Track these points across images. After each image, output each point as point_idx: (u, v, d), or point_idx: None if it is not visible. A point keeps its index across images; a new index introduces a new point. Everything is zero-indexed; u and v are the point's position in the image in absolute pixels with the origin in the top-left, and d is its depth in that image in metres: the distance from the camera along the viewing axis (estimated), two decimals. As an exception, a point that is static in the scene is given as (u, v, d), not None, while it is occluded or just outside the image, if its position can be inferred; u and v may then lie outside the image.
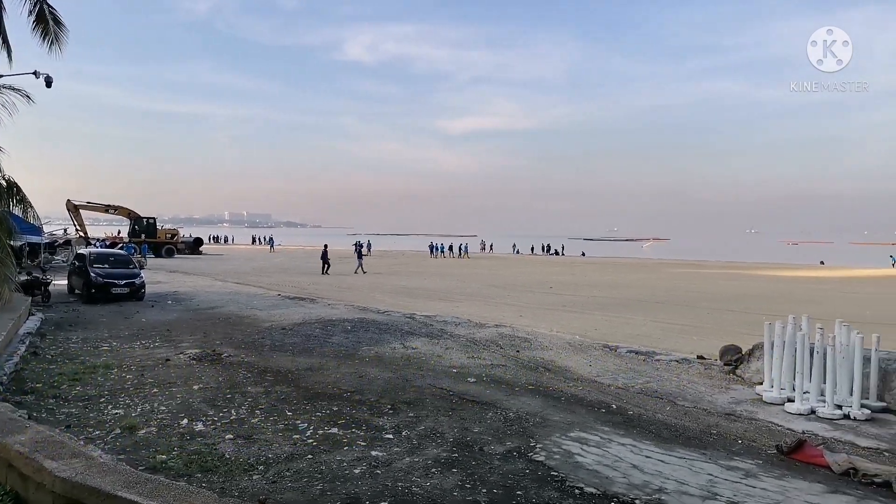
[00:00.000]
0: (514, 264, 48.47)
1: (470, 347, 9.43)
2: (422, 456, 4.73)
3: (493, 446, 4.98)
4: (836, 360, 6.36)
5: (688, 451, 5.00)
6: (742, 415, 6.26)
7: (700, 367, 8.42)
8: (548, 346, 9.66)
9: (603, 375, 7.86)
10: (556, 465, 4.57)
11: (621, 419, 5.91)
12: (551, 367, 8.23)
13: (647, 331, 14.31)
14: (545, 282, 30.02)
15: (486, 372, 7.83)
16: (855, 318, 14.49)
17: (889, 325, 15.31)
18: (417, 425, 5.52)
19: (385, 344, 9.61)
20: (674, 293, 25.43)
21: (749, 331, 11.00)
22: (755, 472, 4.51)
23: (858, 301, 23.34)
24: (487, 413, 5.96)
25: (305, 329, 10.89)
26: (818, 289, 29.09)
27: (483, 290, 25.23)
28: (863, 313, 18.41)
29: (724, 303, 21.67)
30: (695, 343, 11.70)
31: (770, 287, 29.70)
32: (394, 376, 7.46)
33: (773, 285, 30.90)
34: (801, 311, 7.49)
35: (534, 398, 6.60)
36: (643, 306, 20.19)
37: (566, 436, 5.27)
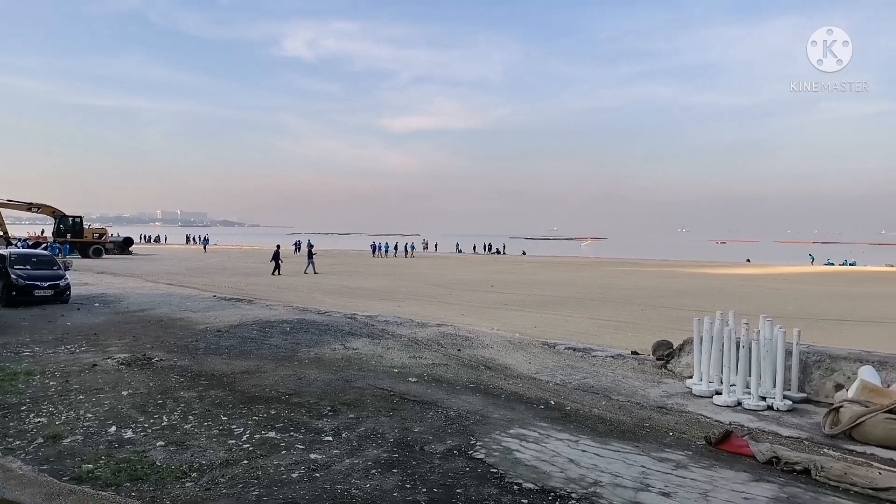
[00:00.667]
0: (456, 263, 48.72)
1: (411, 347, 9.42)
2: (362, 457, 4.70)
3: (434, 445, 4.99)
4: (761, 353, 6.67)
5: (622, 444, 5.15)
6: (673, 408, 6.48)
7: (634, 363, 8.67)
8: (489, 344, 9.75)
9: (542, 372, 7.99)
10: (496, 462, 4.61)
11: (559, 415, 6.03)
12: (492, 365, 8.31)
13: (584, 327, 14.65)
14: (487, 280, 30.30)
15: (427, 371, 7.84)
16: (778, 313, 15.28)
17: (809, 320, 16.19)
18: (357, 427, 5.47)
19: (325, 345, 9.48)
20: (610, 290, 26.13)
21: (680, 326, 11.41)
22: (685, 464, 4.68)
23: (781, 297, 24.59)
24: (428, 412, 5.96)
25: (242, 331, 10.62)
26: (745, 285, 30.48)
27: (425, 289, 25.24)
28: (785, 308, 19.41)
29: (657, 299, 22.43)
30: (629, 339, 12.05)
31: (700, 284, 30.91)
32: (334, 378, 7.37)
33: (703, 282, 32.18)
34: (728, 307, 7.81)
35: (474, 396, 6.65)
36: (581, 303, 20.66)
37: (506, 433, 5.34)
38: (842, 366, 6.85)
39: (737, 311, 7.40)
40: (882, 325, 16.95)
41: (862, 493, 4.16)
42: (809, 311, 19.41)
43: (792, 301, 22.69)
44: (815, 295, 25.83)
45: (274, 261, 31.01)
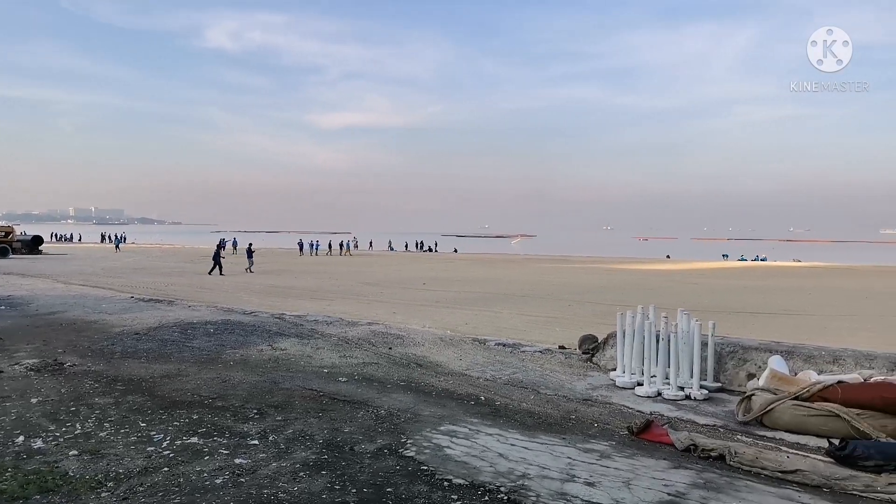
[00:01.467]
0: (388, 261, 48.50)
1: (342, 346, 9.30)
2: (290, 460, 4.59)
3: (364, 445, 4.94)
4: (679, 346, 6.97)
5: (550, 436, 5.26)
6: (598, 400, 6.68)
7: (561, 357, 8.88)
8: (420, 342, 9.75)
9: (472, 368, 8.06)
10: (426, 459, 4.62)
11: (489, 410, 6.10)
12: (423, 363, 8.32)
13: (514, 323, 14.90)
14: (419, 278, 30.32)
15: (357, 370, 7.76)
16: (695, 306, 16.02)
17: (723, 313, 17.06)
18: (285, 429, 5.35)
19: (251, 346, 9.23)
20: (539, 287, 26.68)
21: (605, 321, 11.79)
22: (609, 453, 4.83)
23: (698, 291, 25.81)
24: (359, 412, 5.90)
25: (162, 333, 10.19)
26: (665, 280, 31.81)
27: (356, 287, 25.01)
28: (702, 302, 20.39)
29: (583, 295, 23.08)
30: (557, 334, 12.34)
31: (624, 279, 32.03)
32: (260, 379, 7.18)
33: (627, 278, 33.36)
34: (649, 302, 8.11)
35: (405, 394, 6.63)
36: (511, 300, 21.01)
37: (436, 430, 5.35)
38: (753, 356, 7.24)
39: (657, 306, 7.69)
40: (789, 316, 18.07)
41: (772, 477, 4.41)
42: (724, 304, 20.46)
43: (708, 295, 23.86)
44: (730, 289, 27.25)
45: (214, 260, 30.41)
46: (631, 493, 4.01)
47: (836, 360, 6.81)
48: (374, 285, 25.98)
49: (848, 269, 43.25)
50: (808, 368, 6.69)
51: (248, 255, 34.17)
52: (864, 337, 13.26)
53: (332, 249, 60.38)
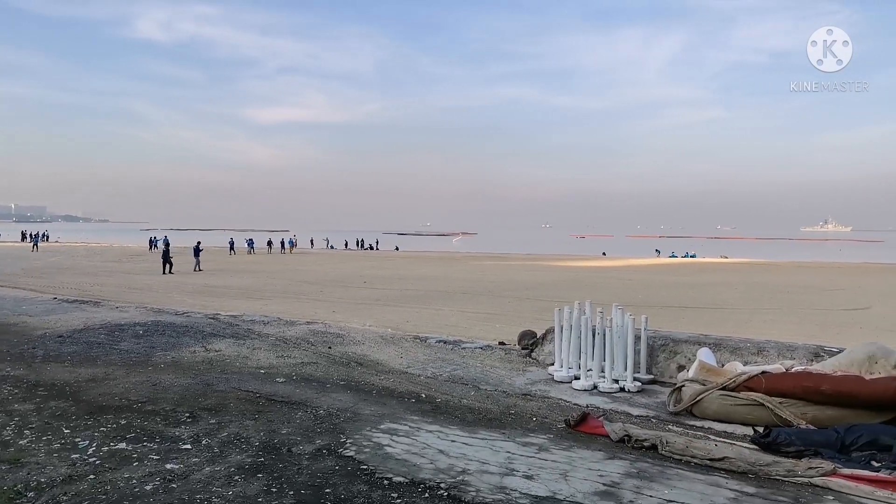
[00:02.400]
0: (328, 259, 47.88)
1: (279, 346, 9.11)
2: (224, 464, 4.46)
3: (303, 446, 4.86)
4: (614, 340, 7.16)
5: (489, 431, 5.30)
6: (537, 394, 6.78)
7: (501, 353, 8.98)
8: (361, 340, 9.66)
9: (413, 366, 8.04)
10: (366, 458, 4.57)
11: (430, 407, 6.10)
12: (364, 362, 8.24)
13: (455, 321, 14.97)
14: (359, 276, 30.07)
15: (296, 371, 7.62)
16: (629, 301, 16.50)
17: (656, 307, 17.65)
18: (219, 432, 5.20)
19: (183, 348, 8.92)
20: (480, 284, 26.90)
21: (543, 316, 11.98)
22: (547, 447, 4.91)
23: (632, 286, 26.61)
24: (297, 413, 5.79)
25: (88, 335, 9.73)
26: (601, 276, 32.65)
27: (295, 286, 24.59)
28: (636, 297, 21.03)
29: (523, 291, 23.42)
30: (498, 330, 12.47)
31: (562, 276, 32.69)
32: (193, 382, 6.95)
33: (565, 274, 34.06)
34: (586, 297, 8.29)
35: (345, 394, 6.55)
36: (452, 297, 21.10)
37: (376, 428, 5.31)
38: (683, 348, 7.52)
39: (593, 301, 7.88)
40: (717, 310, 18.86)
41: (701, 464, 4.58)
42: (656, 299, 21.18)
43: (642, 290, 24.63)
44: (662, 284, 28.21)
45: (164, 259, 30.04)
46: (568, 485, 4.09)
47: (760, 351, 7.16)
48: (314, 284, 25.59)
49: (771, 265, 45.54)
50: (734, 360, 6.99)
51: (196, 254, 33.81)
52: (786, 329, 13.98)
53: (270, 247, 59.08)
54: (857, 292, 25.16)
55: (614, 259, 54.47)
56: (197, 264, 32.67)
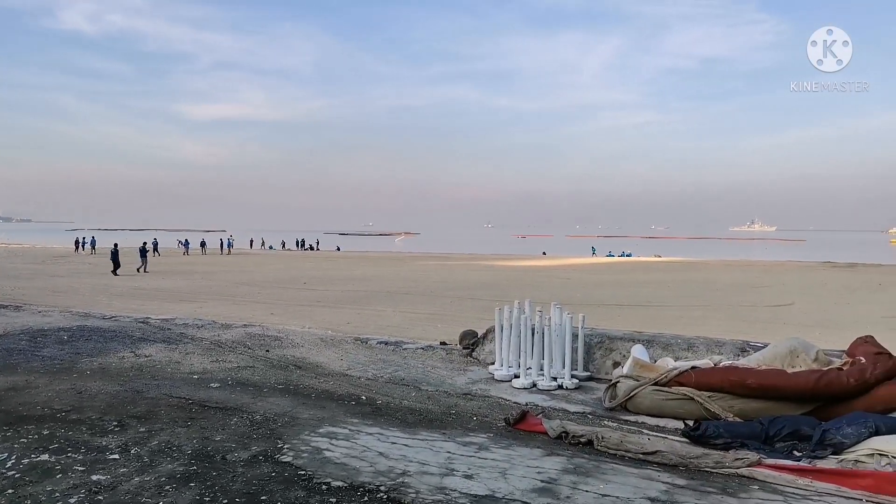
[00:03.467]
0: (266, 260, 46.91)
1: (214, 350, 8.84)
2: (154, 474, 4.29)
3: (238, 453, 4.72)
4: (552, 338, 7.28)
5: (430, 432, 5.30)
6: (477, 393, 6.83)
7: (442, 353, 8.99)
8: (299, 343, 9.49)
9: (354, 368, 7.96)
10: (304, 463, 4.49)
11: (370, 409, 6.04)
12: (302, 365, 8.09)
13: (397, 321, 14.92)
14: (299, 277, 29.57)
15: (231, 375, 7.41)
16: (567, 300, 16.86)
17: (593, 305, 18.09)
18: (149, 441, 4.99)
19: (111, 353, 8.54)
20: (422, 284, 26.91)
21: (485, 316, 12.08)
22: (487, 445, 4.94)
23: (571, 285, 27.18)
24: (232, 419, 5.63)
25: (7, 342, 9.18)
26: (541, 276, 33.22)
27: (231, 288, 23.97)
28: (574, 295, 21.49)
29: (465, 291, 23.57)
30: (439, 330, 12.50)
31: (503, 275, 33.08)
32: (122, 389, 6.66)
33: (506, 274, 34.49)
34: (526, 296, 8.40)
35: (283, 398, 6.42)
36: (394, 298, 21.02)
37: (315, 432, 5.22)
38: (618, 345, 7.72)
39: (533, 300, 7.99)
40: (650, 307, 19.49)
41: (635, 458, 4.71)
42: (594, 297, 21.71)
43: (580, 289, 25.19)
44: (599, 283, 28.94)
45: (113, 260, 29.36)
46: (507, 483, 4.13)
47: (691, 347, 7.43)
48: (251, 285, 25.01)
49: (701, 264, 47.38)
50: (666, 356, 7.23)
51: (142, 255, 33.23)
52: (714, 325, 14.58)
53: (204, 248, 57.39)
54: (781, 289, 26.49)
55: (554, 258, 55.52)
56: (143, 265, 32.02)
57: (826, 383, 5.54)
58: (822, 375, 5.60)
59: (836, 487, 4.14)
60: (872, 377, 5.51)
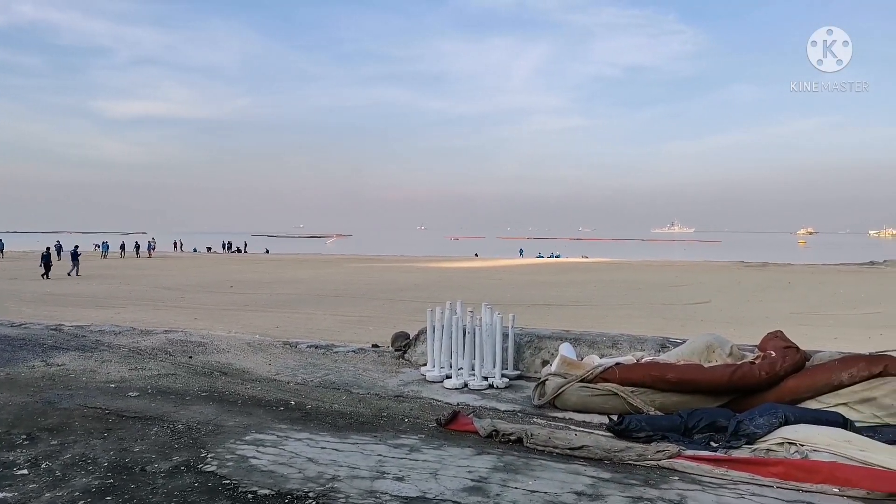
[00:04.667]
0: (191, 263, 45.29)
1: (133, 358, 8.44)
2: (67, 489, 4.05)
3: (158, 464, 4.52)
4: (483, 338, 7.36)
5: (361, 435, 5.24)
6: (409, 395, 6.81)
7: (374, 355, 8.93)
8: (225, 348, 9.19)
9: (283, 373, 7.78)
10: (229, 472, 4.35)
11: (299, 415, 5.92)
12: (228, 371, 7.85)
13: (328, 324, 14.72)
14: (225, 281, 28.71)
15: (151, 383, 7.09)
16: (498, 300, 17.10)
17: (523, 305, 18.42)
18: (62, 454, 4.72)
19: (20, 363, 8.02)
20: (354, 286, 26.65)
21: (417, 317, 12.07)
22: (418, 447, 4.94)
23: (502, 286, 27.58)
24: (152, 428, 5.39)
25: None
26: (473, 277, 33.54)
27: (152, 292, 23.02)
28: (505, 296, 21.81)
29: (397, 293, 23.51)
30: (371, 333, 12.42)
31: (436, 277, 33.20)
32: (31, 400, 6.26)
33: (439, 275, 34.63)
34: (458, 297, 8.46)
35: (207, 405, 6.20)
36: (325, 300, 20.72)
37: (241, 440, 5.07)
38: (547, 344, 7.89)
39: (465, 301, 8.05)
40: (578, 307, 20.02)
41: (562, 454, 4.81)
42: (524, 297, 22.11)
43: (510, 290, 25.60)
44: (529, 283, 29.50)
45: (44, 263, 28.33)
46: (438, 483, 4.14)
47: (615, 344, 7.67)
48: (174, 290, 24.07)
49: (625, 264, 49.08)
50: (592, 353, 7.44)
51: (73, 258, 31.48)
52: (637, 323, 15.13)
53: (124, 251, 54.79)
54: (699, 288, 27.78)
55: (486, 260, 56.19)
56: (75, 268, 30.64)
57: (740, 376, 5.85)
58: (736, 369, 5.91)
59: (750, 475, 4.35)
60: (782, 370, 5.86)
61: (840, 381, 5.70)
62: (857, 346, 8.65)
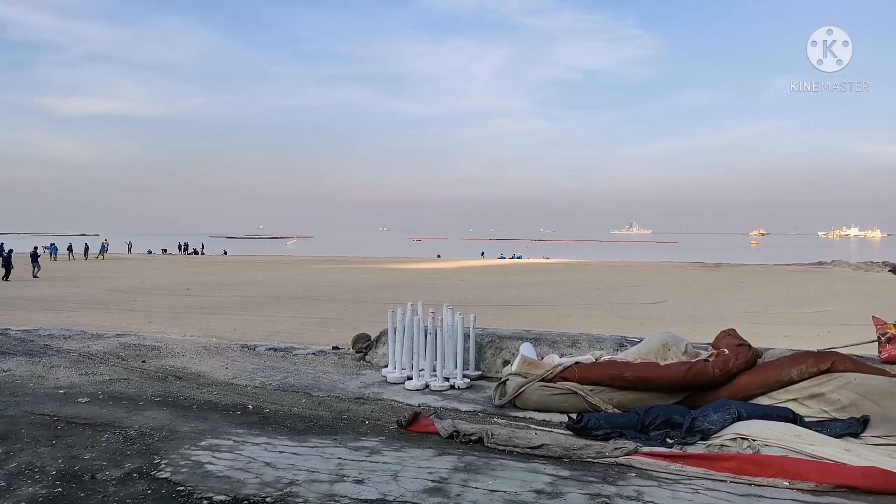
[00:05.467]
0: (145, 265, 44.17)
1: (83, 363, 8.17)
2: (12, 499, 3.89)
3: (110, 471, 4.38)
4: (444, 339, 7.35)
5: (321, 439, 5.18)
6: (370, 397, 6.76)
7: (335, 357, 8.83)
8: (180, 352, 8.97)
9: (240, 377, 7.64)
10: (184, 478, 4.24)
11: (257, 419, 5.82)
12: (183, 375, 7.66)
13: (287, 327, 14.51)
14: (181, 283, 28.07)
15: (103, 389, 6.88)
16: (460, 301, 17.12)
17: (485, 306, 18.49)
18: (7, 463, 4.54)
19: (-38, 369, 7.67)
20: (315, 288, 26.37)
21: (379, 319, 11.99)
22: (379, 449, 4.90)
23: (463, 287, 27.65)
24: (103, 435, 5.23)
25: None
26: (435, 278, 33.55)
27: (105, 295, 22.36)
28: (467, 297, 21.86)
29: (359, 294, 23.34)
30: (332, 335, 12.29)
31: (398, 278, 33.09)
32: (-26, 408, 6.00)
33: (401, 276, 34.52)
34: (420, 298, 8.44)
35: (161, 410, 6.04)
36: (285, 302, 20.44)
37: (196, 445, 4.95)
38: (508, 344, 7.93)
39: (427, 302, 8.04)
40: (538, 307, 20.20)
41: (522, 453, 4.84)
42: (485, 298, 22.20)
43: (472, 290, 25.68)
44: (490, 284, 29.64)
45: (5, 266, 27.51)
46: (398, 485, 4.11)
47: (574, 343, 7.77)
48: (128, 293, 23.43)
49: (585, 265, 49.79)
50: (552, 352, 7.52)
51: (33, 260, 30.38)
52: (596, 322, 15.34)
53: (71, 253, 53.01)
54: (656, 288, 28.35)
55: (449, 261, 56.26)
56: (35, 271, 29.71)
57: (694, 374, 5.98)
58: (691, 367, 6.04)
59: (704, 471, 4.46)
60: (735, 367, 6.02)
61: (790, 377, 5.88)
62: (807, 344, 8.96)
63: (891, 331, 6.36)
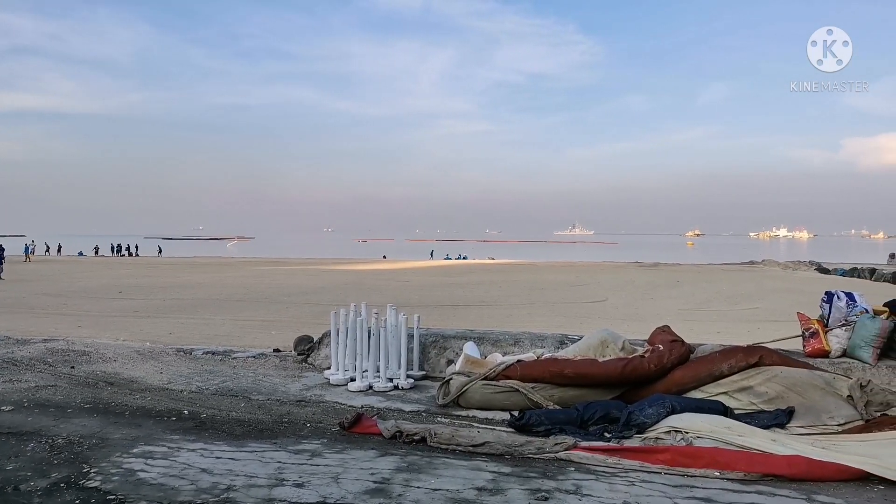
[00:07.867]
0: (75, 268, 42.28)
1: (6, 369, 7.74)
2: (-78, 517, 3.65)
3: (35, 482, 4.17)
4: (388, 339, 7.31)
5: (260, 443, 5.07)
6: (312, 399, 6.66)
7: (276, 360, 8.66)
8: (112, 357, 8.61)
9: (175, 381, 7.39)
10: (114, 487, 4.08)
11: (193, 424, 5.64)
12: (115, 381, 7.35)
13: (226, 330, 14.16)
14: (114, 286, 27.02)
15: (28, 396, 6.53)
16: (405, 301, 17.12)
17: (430, 307, 18.53)
18: (-82, 478, 4.25)
19: None
20: (256, 290, 25.82)
21: (322, 320, 11.85)
22: (320, 452, 4.84)
23: (409, 287, 27.63)
24: (28, 444, 4.97)
25: None
26: (381, 279, 33.37)
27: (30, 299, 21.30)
28: (412, 297, 21.85)
29: (302, 296, 22.99)
30: (273, 337, 12.06)
31: (343, 279, 32.76)
32: None
33: (346, 278, 34.20)
34: (365, 300, 8.36)
35: (91, 418, 5.78)
36: (225, 305, 19.94)
37: (128, 453, 4.76)
38: (452, 343, 7.96)
39: (372, 303, 7.98)
40: (483, 307, 20.37)
41: (465, 451, 4.87)
42: (430, 298, 22.24)
43: (417, 291, 25.68)
44: (436, 285, 29.72)
45: None
46: (339, 487, 4.07)
47: (517, 342, 7.86)
48: (56, 296, 22.35)
49: (529, 265, 50.51)
50: (495, 351, 7.58)
51: None
52: (539, 321, 15.60)
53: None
54: (596, 287, 29.04)
55: (394, 262, 56.07)
56: None
57: (631, 369, 6.15)
58: (627, 363, 6.21)
59: (640, 463, 4.58)
60: (669, 362, 6.22)
61: (721, 371, 6.12)
62: (738, 339, 9.34)
63: (814, 326, 6.69)
